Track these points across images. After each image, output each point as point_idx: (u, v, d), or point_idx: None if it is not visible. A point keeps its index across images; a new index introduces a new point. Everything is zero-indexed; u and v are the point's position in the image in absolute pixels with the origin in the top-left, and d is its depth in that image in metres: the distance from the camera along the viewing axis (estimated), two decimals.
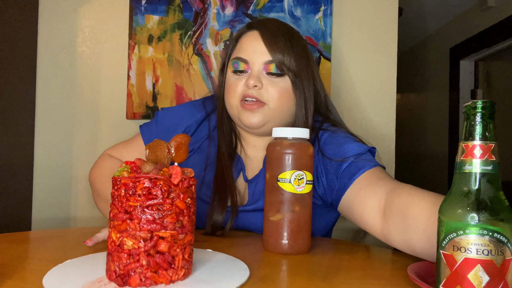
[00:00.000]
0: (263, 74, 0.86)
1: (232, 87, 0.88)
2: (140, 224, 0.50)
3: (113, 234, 0.52)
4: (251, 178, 0.91)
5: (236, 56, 0.88)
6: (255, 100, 0.85)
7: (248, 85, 0.84)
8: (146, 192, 0.51)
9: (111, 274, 0.51)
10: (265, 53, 0.85)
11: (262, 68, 0.86)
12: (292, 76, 0.86)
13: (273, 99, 0.85)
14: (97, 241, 0.69)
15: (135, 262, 0.50)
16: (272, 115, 0.86)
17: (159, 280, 0.51)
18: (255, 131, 0.89)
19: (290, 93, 0.87)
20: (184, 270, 0.53)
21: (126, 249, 0.50)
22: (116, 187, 0.52)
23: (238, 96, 0.87)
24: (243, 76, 0.87)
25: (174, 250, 0.52)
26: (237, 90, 0.87)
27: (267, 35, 0.86)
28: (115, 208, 0.52)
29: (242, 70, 0.87)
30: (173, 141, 0.56)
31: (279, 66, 0.85)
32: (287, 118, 0.90)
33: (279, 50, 0.85)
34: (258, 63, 0.86)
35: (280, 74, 0.86)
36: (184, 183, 0.53)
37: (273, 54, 0.84)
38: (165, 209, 0.51)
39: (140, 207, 0.50)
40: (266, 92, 0.85)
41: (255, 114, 0.85)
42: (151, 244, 0.50)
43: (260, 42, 0.86)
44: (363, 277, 0.58)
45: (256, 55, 0.86)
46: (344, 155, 0.83)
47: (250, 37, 0.88)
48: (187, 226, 0.53)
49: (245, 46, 0.88)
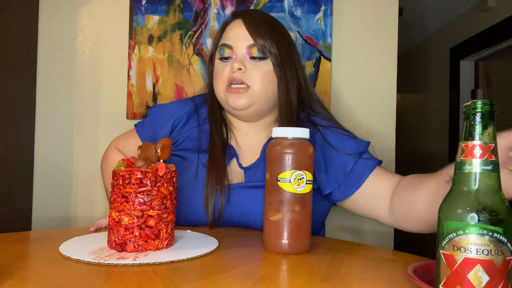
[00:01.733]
0: (247, 58, 0.92)
1: (219, 73, 0.94)
2: (134, 205, 0.65)
3: (113, 213, 0.67)
4: (247, 165, 0.95)
5: (222, 43, 0.95)
6: (240, 84, 0.90)
7: (232, 69, 0.90)
8: (138, 181, 0.66)
9: (112, 243, 0.66)
10: (248, 38, 0.91)
11: (246, 52, 0.92)
12: (273, 59, 0.92)
13: (257, 81, 0.91)
14: (97, 227, 0.83)
15: (130, 234, 0.65)
16: (257, 97, 0.91)
17: (148, 248, 0.66)
18: (242, 113, 0.94)
19: (272, 75, 0.93)
20: (167, 241, 0.69)
21: (123, 224, 0.65)
22: (116, 178, 0.67)
23: (224, 80, 0.92)
24: (228, 62, 0.93)
25: (160, 225, 0.67)
26: (223, 75, 0.93)
27: (249, 21, 0.93)
28: (114, 194, 0.67)
29: (227, 57, 0.93)
30: (159, 143, 0.72)
31: (261, 49, 0.91)
32: (272, 101, 0.95)
33: (260, 34, 0.91)
34: (242, 47, 0.92)
35: (263, 57, 0.92)
36: (167, 175, 0.69)
37: (255, 38, 0.91)
38: (153, 194, 0.66)
39: (134, 193, 0.65)
40: (249, 76, 0.91)
41: (241, 96, 0.90)
42: (142, 220, 0.66)
43: (243, 28, 0.92)
44: (363, 277, 0.58)
45: (239, 40, 0.92)
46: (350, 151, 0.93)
47: (234, 24, 0.95)
48: (170, 207, 0.69)
49: (230, 33, 0.94)
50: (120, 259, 0.60)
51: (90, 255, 0.62)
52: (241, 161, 0.96)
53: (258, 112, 0.95)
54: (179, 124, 1.01)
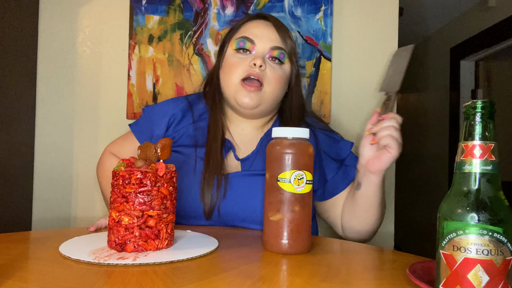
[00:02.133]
0: (266, 57, 0.93)
1: (235, 65, 0.92)
2: (134, 205, 0.65)
3: (113, 213, 0.66)
4: (243, 157, 0.97)
5: (243, 36, 0.93)
6: (256, 80, 0.90)
7: (255, 64, 0.90)
8: (138, 181, 0.65)
9: (112, 243, 0.66)
10: (274, 40, 0.93)
11: (267, 52, 0.93)
12: (295, 68, 0.98)
13: (271, 83, 0.92)
14: (97, 227, 0.82)
15: (130, 234, 0.65)
16: (266, 98, 0.93)
17: (148, 248, 0.66)
18: (248, 112, 0.95)
19: (285, 81, 0.96)
20: (167, 241, 0.68)
21: (123, 224, 0.65)
22: (116, 178, 0.67)
23: (239, 74, 0.91)
24: (247, 56, 0.92)
25: (160, 225, 0.67)
26: (239, 69, 0.91)
27: (279, 25, 0.95)
28: (114, 194, 0.67)
29: (247, 49, 0.92)
30: (159, 143, 0.71)
31: (285, 53, 0.94)
32: (276, 103, 0.99)
33: (285, 40, 0.94)
34: (265, 46, 0.93)
35: (281, 61, 0.94)
36: (167, 175, 0.68)
37: (283, 42, 0.94)
38: (153, 194, 0.66)
39: (134, 193, 0.65)
40: (266, 75, 0.92)
41: (252, 95, 0.90)
42: (142, 220, 0.65)
43: (271, 29, 0.94)
44: (363, 277, 0.58)
45: (264, 39, 0.93)
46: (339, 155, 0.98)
47: (260, 23, 0.95)
48: (170, 207, 0.68)
49: (254, 29, 0.94)
50: (120, 259, 0.60)
51: (90, 255, 0.62)
52: (238, 154, 0.98)
53: (262, 112, 0.97)
54: (174, 121, 1.01)
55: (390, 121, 0.80)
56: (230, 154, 0.97)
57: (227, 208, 0.90)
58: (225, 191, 0.89)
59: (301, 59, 1.42)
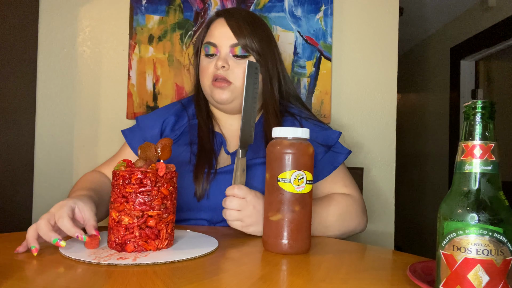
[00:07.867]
0: (230, 56, 0.97)
1: (205, 69, 1.00)
2: (134, 205, 0.65)
3: (113, 213, 0.66)
4: (233, 151, 1.00)
5: (207, 41, 1.00)
6: (223, 80, 0.96)
7: (217, 66, 0.96)
8: (138, 181, 0.65)
9: (112, 243, 0.66)
10: (231, 37, 0.97)
11: (229, 50, 0.97)
12: (256, 55, 0.98)
13: (239, 77, 0.96)
14: (25, 248, 0.64)
15: (130, 234, 0.65)
16: (239, 92, 0.97)
17: (148, 248, 0.66)
18: (226, 107, 1.00)
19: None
20: (167, 241, 0.68)
21: (123, 224, 0.65)
22: (116, 178, 0.67)
23: (209, 76, 0.98)
24: (213, 59, 0.99)
25: (160, 225, 0.67)
26: (208, 72, 0.98)
27: (232, 21, 0.98)
28: (115, 194, 0.67)
29: (212, 54, 0.98)
30: (160, 143, 0.72)
31: (243, 48, 0.96)
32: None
33: (242, 33, 0.97)
34: (225, 46, 0.97)
35: (245, 55, 0.97)
36: (168, 175, 0.68)
37: (238, 38, 0.96)
38: (153, 194, 0.66)
39: (134, 193, 0.65)
40: (232, 73, 0.96)
41: (224, 91, 0.97)
42: (142, 220, 0.65)
43: (226, 27, 0.97)
44: (363, 277, 0.58)
45: (223, 39, 0.97)
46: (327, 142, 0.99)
47: (218, 23, 0.99)
48: (170, 207, 0.69)
49: (214, 31, 0.99)
50: (120, 259, 0.60)
51: (90, 255, 0.62)
52: (228, 149, 1.01)
53: (241, 105, 0.97)
54: (168, 125, 1.04)
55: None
56: (222, 150, 1.01)
57: (216, 195, 0.92)
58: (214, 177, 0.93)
59: (301, 59, 1.42)
